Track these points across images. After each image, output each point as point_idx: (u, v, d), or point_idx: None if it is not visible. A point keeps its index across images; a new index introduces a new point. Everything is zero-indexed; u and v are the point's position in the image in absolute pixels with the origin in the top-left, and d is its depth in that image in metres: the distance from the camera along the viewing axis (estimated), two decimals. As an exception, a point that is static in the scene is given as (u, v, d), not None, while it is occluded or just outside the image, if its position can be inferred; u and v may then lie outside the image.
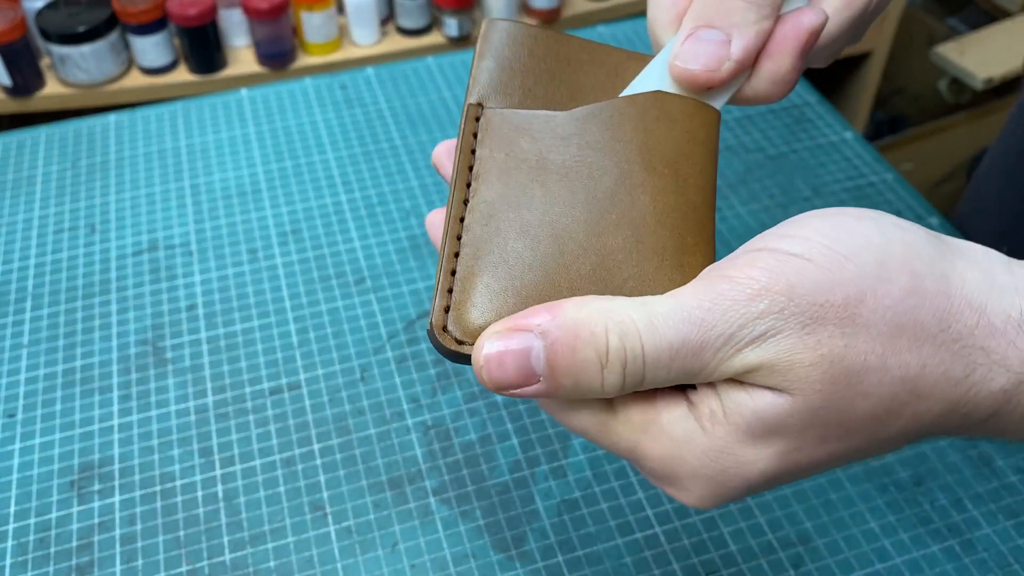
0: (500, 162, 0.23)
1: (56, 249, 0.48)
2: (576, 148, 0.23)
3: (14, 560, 0.35)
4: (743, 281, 0.19)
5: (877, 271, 0.19)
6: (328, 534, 0.36)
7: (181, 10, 0.95)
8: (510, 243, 0.22)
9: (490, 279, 0.22)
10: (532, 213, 0.22)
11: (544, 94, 0.24)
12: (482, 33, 0.25)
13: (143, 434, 0.39)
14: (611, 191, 0.22)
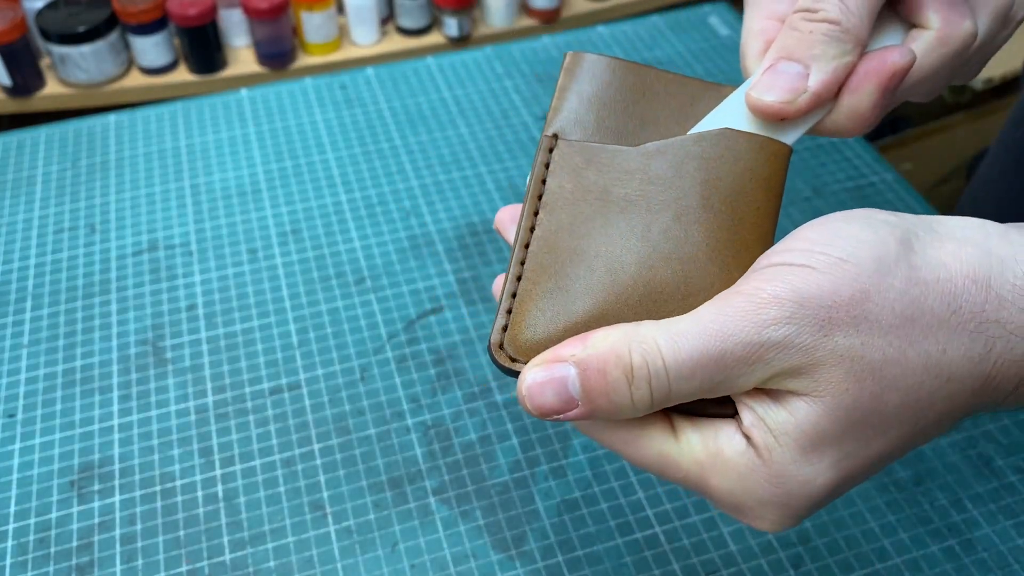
0: (568, 193, 0.24)
1: (56, 249, 0.48)
2: (639, 183, 0.24)
3: (14, 560, 0.35)
4: (753, 293, 0.20)
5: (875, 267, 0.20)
6: (328, 534, 0.36)
7: (181, 10, 0.95)
8: (567, 270, 0.23)
9: (545, 304, 0.23)
10: (591, 243, 0.24)
11: (617, 126, 0.25)
12: (564, 65, 0.26)
13: (143, 434, 0.39)
14: (667, 226, 0.23)
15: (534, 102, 0.57)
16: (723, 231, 0.23)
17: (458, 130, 0.55)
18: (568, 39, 0.62)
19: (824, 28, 0.24)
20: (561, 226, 0.24)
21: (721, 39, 0.62)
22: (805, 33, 0.24)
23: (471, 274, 0.46)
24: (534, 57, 0.61)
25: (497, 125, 0.55)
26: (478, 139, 0.54)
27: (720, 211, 0.23)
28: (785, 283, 0.20)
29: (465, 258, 0.47)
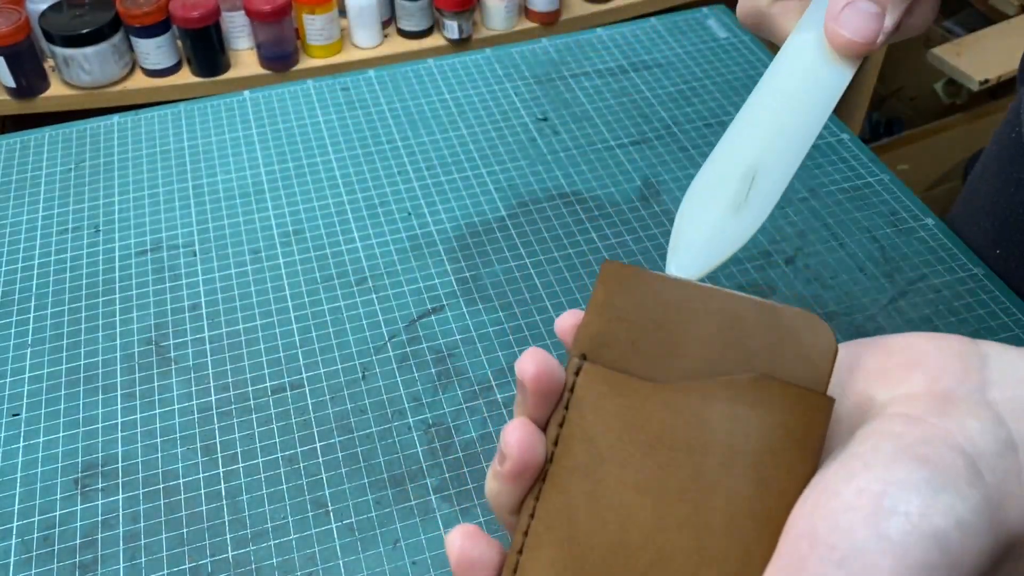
0: (587, 426, 0.22)
1: (60, 249, 0.49)
2: (658, 427, 0.22)
3: (18, 558, 0.35)
4: None
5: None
6: (330, 531, 0.36)
7: (184, 12, 0.96)
8: (580, 519, 0.21)
9: (555, 554, 0.21)
10: (605, 491, 0.22)
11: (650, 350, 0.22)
12: (600, 276, 0.23)
13: (146, 432, 0.40)
14: (683, 485, 0.21)
15: (534, 104, 0.57)
16: (743, 498, 0.21)
17: (458, 132, 0.55)
18: (567, 41, 0.63)
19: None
20: (578, 466, 0.22)
21: (719, 42, 0.62)
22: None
23: (471, 274, 0.47)
24: (534, 59, 0.61)
25: (497, 127, 0.56)
26: (478, 140, 0.55)
27: (743, 474, 0.21)
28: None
29: (465, 258, 0.47)
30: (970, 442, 0.19)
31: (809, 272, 0.46)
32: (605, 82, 0.59)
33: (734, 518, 0.21)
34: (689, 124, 0.56)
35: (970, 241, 0.48)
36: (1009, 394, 0.20)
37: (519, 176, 0.52)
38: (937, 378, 0.21)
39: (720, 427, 0.21)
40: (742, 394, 0.21)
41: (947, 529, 0.18)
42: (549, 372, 0.22)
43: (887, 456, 0.19)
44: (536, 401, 0.22)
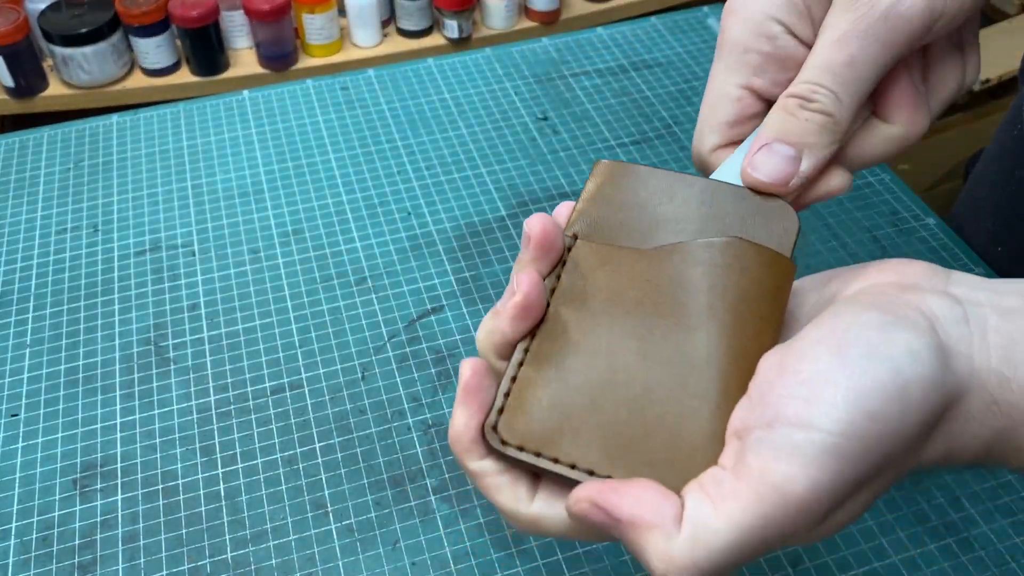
0: (579, 290, 0.25)
1: (59, 249, 0.48)
2: (646, 285, 0.24)
3: (16, 558, 0.35)
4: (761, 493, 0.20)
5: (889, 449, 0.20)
6: (329, 532, 0.36)
7: (183, 12, 0.96)
8: (568, 363, 0.24)
9: (541, 393, 0.24)
10: (595, 340, 0.24)
11: (637, 228, 0.26)
12: (593, 172, 0.27)
13: (145, 433, 0.40)
14: (668, 329, 0.24)
15: (533, 103, 0.57)
16: (724, 338, 0.23)
17: (458, 131, 0.55)
18: (567, 40, 0.63)
19: (819, 119, 0.25)
20: (569, 321, 0.24)
21: (720, 41, 0.62)
22: (801, 120, 0.25)
23: (471, 274, 0.47)
24: (534, 58, 0.61)
25: (497, 126, 0.56)
26: (478, 140, 0.55)
27: (723, 319, 0.23)
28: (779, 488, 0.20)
29: (465, 258, 0.47)
30: (927, 308, 0.22)
31: (810, 272, 0.46)
32: (605, 81, 0.59)
33: (712, 355, 0.23)
34: (689, 123, 0.56)
35: (971, 240, 0.48)
36: (968, 292, 0.23)
37: (519, 176, 0.52)
38: (905, 276, 0.23)
39: (700, 281, 0.24)
40: (719, 253, 0.24)
41: (900, 357, 0.20)
42: (553, 231, 0.25)
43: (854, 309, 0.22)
44: (538, 255, 0.24)
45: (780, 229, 0.25)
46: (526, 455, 0.23)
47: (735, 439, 0.21)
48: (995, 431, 0.21)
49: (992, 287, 0.23)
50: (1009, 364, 0.21)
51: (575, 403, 0.23)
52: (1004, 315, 0.22)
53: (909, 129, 0.27)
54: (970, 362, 0.21)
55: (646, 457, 0.23)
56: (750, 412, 0.21)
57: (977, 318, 0.22)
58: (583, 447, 0.23)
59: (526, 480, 0.23)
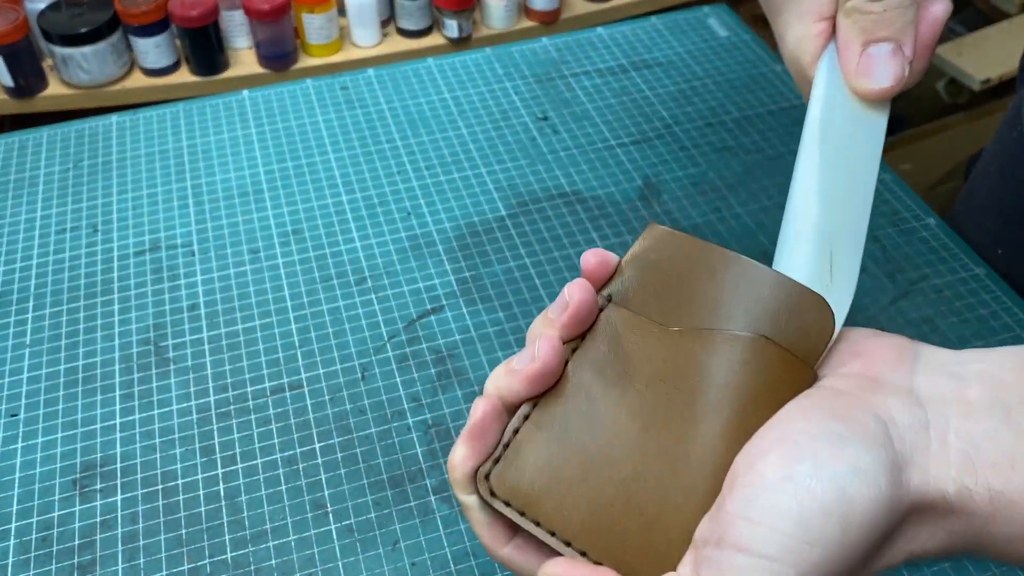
0: (599, 357, 0.25)
1: (58, 249, 0.48)
2: (662, 365, 0.24)
3: (16, 559, 0.35)
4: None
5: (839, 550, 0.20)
6: (329, 532, 0.36)
7: (183, 11, 0.96)
8: (569, 429, 0.24)
9: (538, 453, 0.24)
10: (600, 412, 0.24)
11: (671, 301, 0.25)
12: (644, 232, 0.26)
13: (145, 433, 0.39)
14: (672, 416, 0.23)
15: (533, 103, 0.57)
16: (724, 438, 0.23)
17: (458, 131, 0.55)
18: (567, 40, 0.63)
19: (895, 2, 0.25)
20: (581, 386, 0.24)
21: (720, 40, 0.62)
22: (880, 12, 0.25)
23: (471, 274, 0.46)
24: (534, 58, 0.61)
25: (497, 126, 0.56)
26: (478, 140, 0.55)
27: (728, 418, 0.23)
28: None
29: (465, 258, 0.47)
30: (887, 413, 0.21)
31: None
32: (605, 81, 0.59)
33: (708, 455, 0.23)
34: (690, 123, 0.56)
35: (971, 240, 0.48)
36: (933, 383, 0.22)
37: (519, 176, 0.52)
38: (872, 364, 0.23)
39: (716, 375, 0.23)
40: (741, 349, 0.23)
41: (845, 476, 0.20)
42: (591, 304, 0.24)
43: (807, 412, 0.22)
44: (569, 324, 0.24)
45: (814, 332, 0.24)
46: (510, 511, 0.23)
47: (694, 549, 0.22)
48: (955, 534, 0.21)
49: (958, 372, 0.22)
50: (969, 472, 0.21)
51: (566, 470, 0.23)
52: (966, 415, 0.21)
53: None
54: (926, 471, 0.21)
55: (622, 540, 0.23)
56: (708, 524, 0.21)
57: (938, 422, 0.21)
58: (565, 516, 0.23)
59: (505, 525, 0.24)
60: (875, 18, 0.25)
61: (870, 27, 0.25)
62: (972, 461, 0.21)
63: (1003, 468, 0.21)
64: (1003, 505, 0.21)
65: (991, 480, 0.21)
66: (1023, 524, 0.21)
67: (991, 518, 0.21)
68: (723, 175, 0.52)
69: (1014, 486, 0.20)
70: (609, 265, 0.25)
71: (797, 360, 0.24)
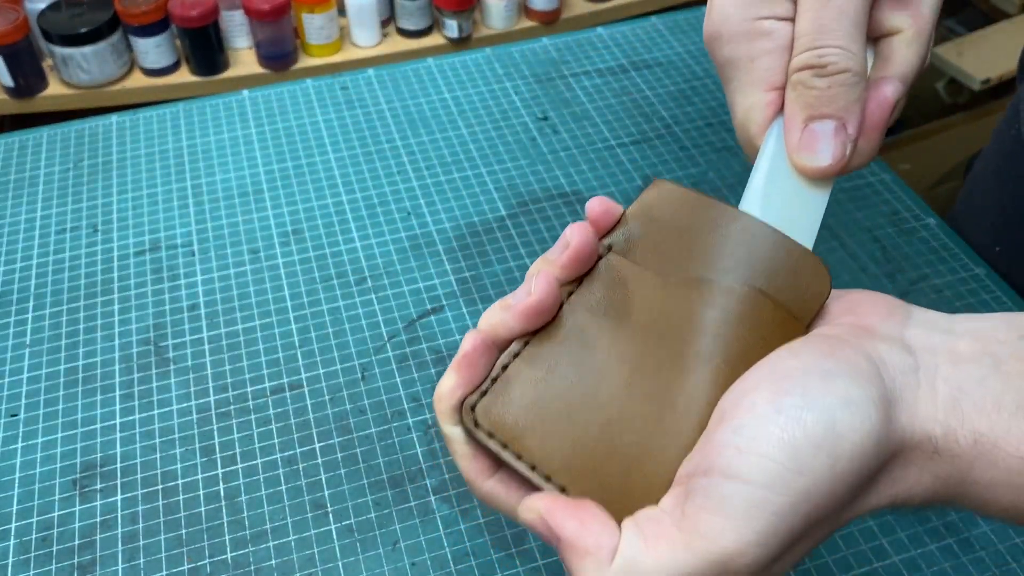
0: (595, 301, 0.25)
1: (58, 249, 0.48)
2: (657, 314, 0.24)
3: (16, 559, 0.35)
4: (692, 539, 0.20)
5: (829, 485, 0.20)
6: (329, 532, 0.36)
7: (183, 11, 0.96)
8: (559, 368, 0.24)
9: (525, 389, 0.24)
10: (591, 355, 0.24)
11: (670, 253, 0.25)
12: (649, 186, 0.26)
13: (145, 433, 0.39)
14: (662, 364, 0.24)
15: (533, 103, 0.57)
16: (711, 388, 0.23)
17: (458, 131, 0.55)
18: (567, 40, 0.63)
19: (840, 79, 0.24)
20: (574, 329, 0.24)
21: (720, 40, 0.62)
22: (824, 89, 0.24)
23: (471, 274, 0.46)
24: (534, 58, 0.61)
25: (497, 126, 0.56)
26: (478, 140, 0.55)
27: (718, 368, 0.23)
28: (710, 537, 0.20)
29: (465, 258, 0.47)
30: (877, 356, 0.22)
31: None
32: (605, 81, 0.59)
33: (695, 402, 0.23)
34: (690, 123, 0.56)
35: (970, 239, 0.48)
36: (923, 336, 0.22)
37: (519, 176, 0.52)
38: (863, 317, 0.23)
39: (710, 325, 0.24)
40: (737, 302, 0.24)
41: (835, 407, 0.20)
42: (592, 247, 0.24)
43: (797, 351, 0.22)
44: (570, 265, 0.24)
45: (809, 291, 0.24)
46: (493, 443, 0.23)
47: (680, 483, 0.22)
48: (939, 478, 0.21)
49: (949, 328, 0.22)
50: (956, 415, 0.21)
51: (553, 408, 0.24)
52: (955, 363, 0.22)
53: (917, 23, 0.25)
54: (914, 411, 0.21)
55: (603, 480, 0.23)
56: (693, 458, 0.22)
57: (928, 367, 0.22)
58: (548, 452, 0.23)
59: (488, 459, 0.24)
60: (818, 93, 0.25)
61: (814, 102, 0.25)
62: (960, 405, 0.21)
63: (989, 412, 0.21)
64: (987, 449, 0.21)
65: (977, 423, 0.21)
66: (1005, 468, 0.21)
67: (975, 462, 0.21)
68: (723, 175, 0.52)
69: (999, 429, 0.21)
70: (612, 214, 0.25)
71: (791, 317, 0.24)
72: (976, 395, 0.21)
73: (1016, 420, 0.21)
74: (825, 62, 0.24)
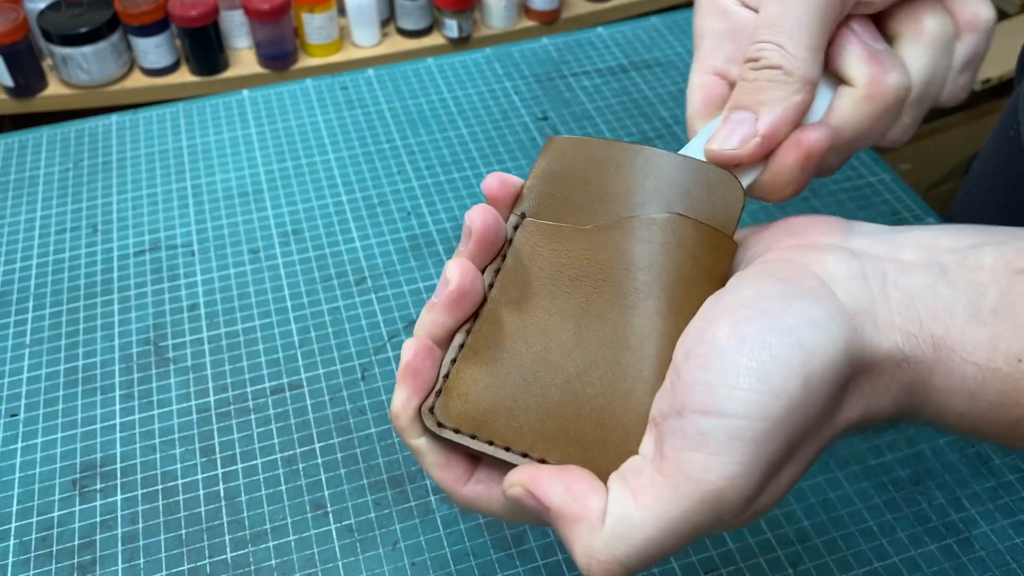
0: (521, 272, 0.25)
1: (58, 249, 0.48)
2: (586, 263, 0.24)
3: (16, 559, 0.35)
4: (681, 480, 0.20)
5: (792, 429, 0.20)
6: (329, 532, 0.36)
7: (183, 11, 0.96)
8: (506, 346, 0.24)
9: (478, 375, 0.23)
10: (533, 320, 0.24)
11: (582, 203, 0.25)
12: (544, 147, 0.26)
13: (145, 433, 0.39)
14: (604, 309, 0.24)
15: (534, 103, 0.57)
16: (660, 317, 0.23)
17: (458, 131, 0.55)
18: (567, 40, 0.63)
19: (768, 74, 0.25)
20: (510, 301, 0.24)
21: (720, 40, 0.62)
22: (751, 81, 0.25)
23: (471, 274, 0.46)
24: (534, 58, 0.61)
25: (497, 126, 0.56)
26: (478, 140, 0.55)
27: (659, 297, 0.23)
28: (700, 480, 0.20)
29: (465, 258, 0.47)
30: (824, 270, 0.22)
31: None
32: (605, 81, 0.59)
33: (647, 336, 0.23)
34: (690, 123, 0.56)
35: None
36: (867, 245, 0.22)
37: (519, 175, 0.52)
38: (806, 235, 0.23)
39: (640, 260, 0.24)
40: (659, 231, 0.24)
41: (800, 328, 0.20)
42: (495, 225, 0.24)
43: (748, 280, 0.22)
44: (479, 249, 0.24)
45: (724, 204, 0.25)
46: (461, 437, 0.23)
47: (653, 427, 0.21)
48: (903, 387, 0.21)
49: (891, 239, 0.22)
50: (912, 321, 0.21)
51: (510, 384, 0.23)
52: (903, 270, 0.22)
53: (872, 87, 0.25)
54: (874, 319, 0.21)
55: (578, 439, 0.22)
56: (664, 399, 0.21)
57: (875, 272, 0.22)
58: (517, 429, 0.23)
59: (463, 461, 0.24)
60: (747, 85, 0.25)
61: (740, 95, 0.25)
62: (915, 311, 0.21)
63: (942, 318, 0.21)
64: (945, 354, 0.21)
65: (932, 328, 0.21)
66: (961, 375, 0.21)
67: (935, 367, 0.21)
68: (723, 175, 0.52)
69: (954, 335, 0.21)
70: (510, 186, 0.25)
71: (714, 230, 0.24)
72: (928, 302, 0.21)
73: (969, 326, 0.21)
74: (759, 55, 0.25)
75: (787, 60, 0.24)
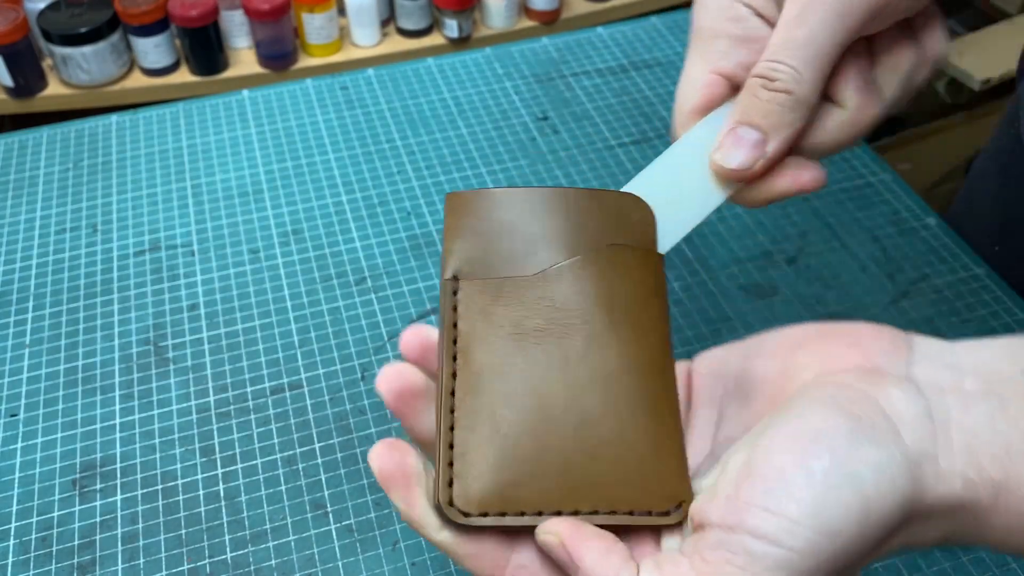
0: (480, 333, 0.24)
1: (58, 249, 0.48)
2: (546, 310, 0.24)
3: (16, 559, 0.35)
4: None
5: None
6: (329, 532, 0.36)
7: (183, 11, 0.96)
8: (499, 413, 0.23)
9: (487, 451, 0.23)
10: (515, 380, 0.23)
11: (511, 254, 0.25)
12: (446, 207, 0.26)
13: (145, 433, 0.39)
14: (581, 351, 0.24)
15: (534, 103, 0.57)
16: (630, 344, 0.24)
17: (458, 131, 0.55)
18: (567, 40, 0.63)
19: (781, 98, 0.25)
20: (483, 367, 0.23)
21: (720, 40, 0.62)
22: (763, 101, 0.25)
23: (471, 274, 0.46)
24: (534, 58, 0.61)
25: (497, 126, 0.56)
26: (478, 140, 0.55)
27: (623, 324, 0.24)
28: None
29: (465, 258, 0.47)
30: (892, 407, 0.22)
31: (811, 272, 0.46)
32: (605, 81, 0.59)
33: (630, 362, 0.24)
34: (690, 123, 0.56)
35: (970, 239, 0.48)
36: (930, 373, 0.22)
37: (519, 176, 0.52)
38: (869, 356, 0.23)
39: (594, 295, 0.24)
40: (607, 263, 0.25)
41: (866, 474, 0.20)
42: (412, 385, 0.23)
43: (820, 409, 0.22)
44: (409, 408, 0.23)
45: (642, 224, 0.26)
46: (492, 520, 0.22)
47: (699, 528, 0.22)
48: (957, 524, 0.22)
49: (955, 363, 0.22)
50: (973, 466, 0.21)
51: (520, 450, 0.23)
52: (966, 406, 0.22)
53: (858, 113, 0.26)
54: (936, 466, 0.21)
55: (600, 481, 0.22)
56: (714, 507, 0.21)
57: (940, 411, 0.22)
58: (542, 492, 0.22)
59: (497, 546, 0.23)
60: (758, 103, 0.25)
61: (750, 109, 0.26)
62: (976, 455, 0.21)
63: (1001, 459, 0.21)
64: (1003, 498, 0.21)
65: (992, 472, 0.21)
66: (1018, 512, 0.21)
67: (992, 509, 0.21)
68: (723, 175, 0.52)
69: (1012, 475, 0.21)
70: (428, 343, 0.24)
71: (647, 251, 0.25)
72: (988, 439, 0.21)
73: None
74: (774, 76, 0.25)
75: (800, 87, 0.25)
